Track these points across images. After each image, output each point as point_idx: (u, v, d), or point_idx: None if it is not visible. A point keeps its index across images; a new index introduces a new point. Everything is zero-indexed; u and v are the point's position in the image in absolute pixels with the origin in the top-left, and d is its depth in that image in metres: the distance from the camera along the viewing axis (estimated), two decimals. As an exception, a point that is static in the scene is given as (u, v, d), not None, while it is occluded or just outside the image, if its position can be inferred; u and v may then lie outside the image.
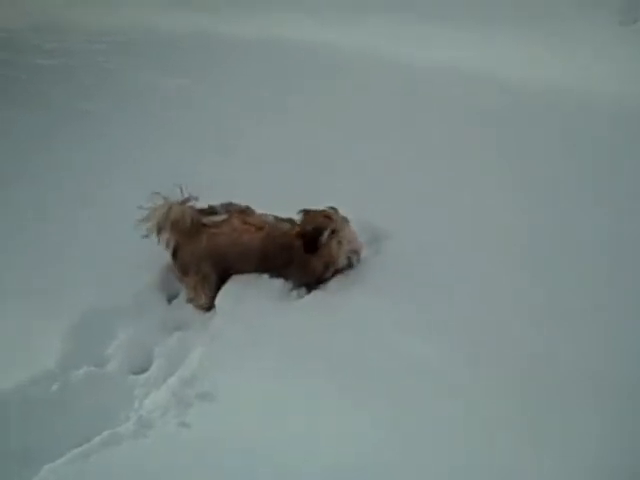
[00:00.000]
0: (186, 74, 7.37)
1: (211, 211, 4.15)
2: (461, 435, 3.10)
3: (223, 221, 4.07)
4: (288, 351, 3.65)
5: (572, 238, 4.33)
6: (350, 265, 4.11)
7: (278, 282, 4.11)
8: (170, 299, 4.25)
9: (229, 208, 4.17)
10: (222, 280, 4.15)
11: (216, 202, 4.23)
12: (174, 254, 4.11)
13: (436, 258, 4.25)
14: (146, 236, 4.02)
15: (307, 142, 5.74)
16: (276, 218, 4.14)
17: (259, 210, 4.21)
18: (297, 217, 4.05)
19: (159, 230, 4.02)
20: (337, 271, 4.11)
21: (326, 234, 3.95)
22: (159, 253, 4.14)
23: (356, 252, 4.07)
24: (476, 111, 6.08)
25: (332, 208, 4.06)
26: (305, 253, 3.99)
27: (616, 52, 6.87)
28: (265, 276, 4.13)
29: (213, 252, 4.05)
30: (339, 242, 4.00)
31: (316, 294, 4.08)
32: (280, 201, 4.23)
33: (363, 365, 3.52)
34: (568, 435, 3.03)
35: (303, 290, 4.12)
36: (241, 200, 4.26)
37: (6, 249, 4.59)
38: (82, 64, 7.80)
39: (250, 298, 4.01)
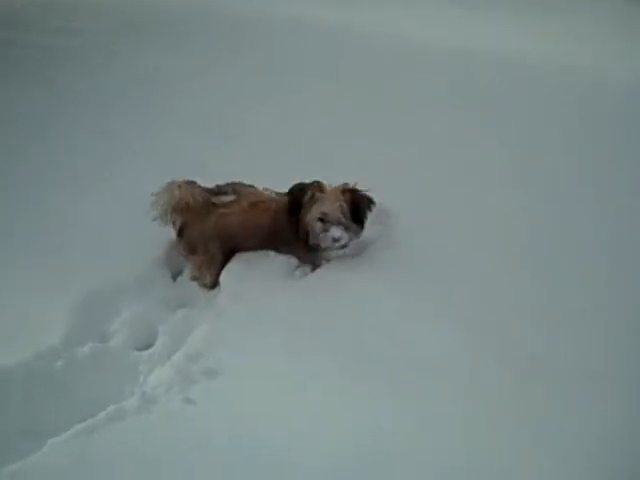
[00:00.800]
0: (191, 57, 7.32)
1: (219, 191, 4.16)
2: (460, 417, 3.15)
3: (232, 202, 4.08)
4: (291, 329, 3.68)
5: (572, 237, 4.37)
6: (325, 229, 3.96)
7: (282, 260, 4.15)
8: (175, 276, 4.26)
9: (235, 188, 4.17)
10: (227, 258, 4.16)
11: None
12: (180, 233, 4.12)
13: (437, 248, 4.30)
14: (154, 219, 4.03)
15: (308, 133, 5.73)
16: (278, 194, 4.16)
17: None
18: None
19: (168, 210, 4.02)
20: (318, 238, 4.03)
21: (308, 194, 3.95)
22: (164, 230, 4.14)
23: (326, 214, 3.95)
24: (478, 94, 6.10)
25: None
26: (289, 215, 4.01)
27: (622, 33, 6.84)
28: (270, 254, 4.16)
29: (222, 232, 4.07)
30: (311, 205, 3.97)
31: (320, 273, 4.13)
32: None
33: (364, 345, 3.56)
34: (568, 435, 3.07)
35: (307, 268, 4.15)
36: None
37: (10, 227, 4.57)
38: (88, 44, 7.71)
39: (254, 276, 4.03)
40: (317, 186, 3.96)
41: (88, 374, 3.45)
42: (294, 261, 4.16)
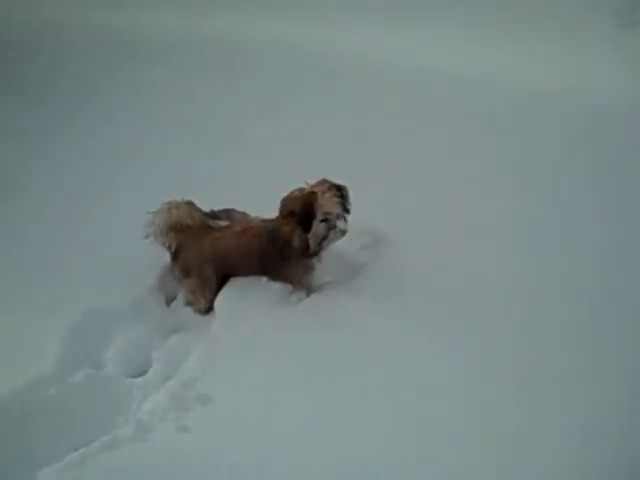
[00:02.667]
0: (187, 76, 7.34)
1: (213, 215, 4.17)
2: (460, 436, 3.12)
3: (226, 226, 4.09)
4: (287, 355, 3.64)
5: (572, 243, 4.33)
6: (332, 226, 3.95)
7: (276, 286, 4.09)
8: (169, 302, 4.23)
9: (229, 214, 4.20)
10: (221, 284, 4.14)
11: (216, 198, 4.25)
12: (175, 255, 4.11)
13: (436, 264, 4.23)
14: (147, 237, 4.02)
15: (303, 147, 5.66)
16: (264, 220, 4.13)
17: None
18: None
19: (164, 231, 4.01)
20: (323, 239, 4.00)
21: (317, 208, 3.90)
22: (158, 255, 4.13)
23: (330, 213, 3.92)
24: (474, 114, 6.07)
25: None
26: (303, 232, 3.94)
27: (615, 56, 6.83)
28: (263, 279, 4.12)
29: (216, 255, 4.05)
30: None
31: (315, 298, 4.07)
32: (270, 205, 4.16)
33: (363, 369, 3.51)
34: (567, 436, 3.08)
35: (302, 294, 4.10)
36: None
37: (4, 250, 4.59)
38: (90, 65, 7.76)
39: (249, 302, 3.99)
40: (311, 193, 3.91)
41: (81, 402, 3.43)
42: (288, 287, 4.11)
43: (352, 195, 4.01)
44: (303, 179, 3.97)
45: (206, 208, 4.19)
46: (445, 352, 3.60)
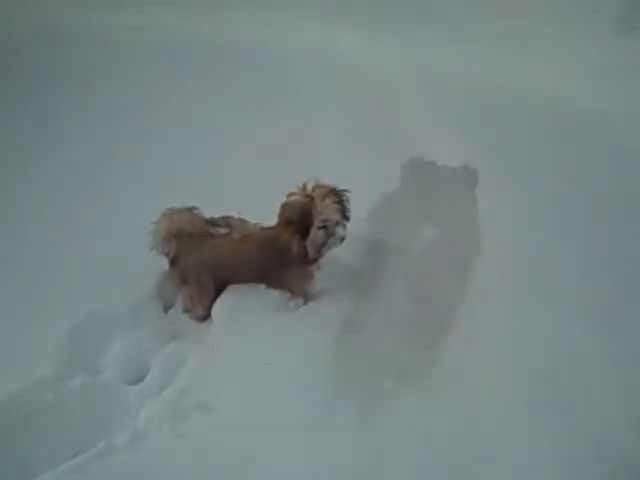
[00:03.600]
0: (190, 75, 7.32)
1: (213, 223, 4.16)
2: (460, 437, 3.16)
3: (225, 234, 4.08)
4: (285, 362, 3.65)
5: (572, 243, 4.33)
6: (330, 234, 3.94)
7: (275, 293, 4.09)
8: (167, 308, 4.22)
9: (229, 221, 4.19)
10: (219, 290, 4.14)
11: (216, 199, 4.24)
12: (173, 261, 4.10)
13: (435, 270, 4.23)
14: (154, 249, 4.03)
15: (288, 148, 5.60)
16: (263, 228, 4.12)
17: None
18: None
19: (165, 237, 4.01)
20: (322, 246, 3.99)
21: (315, 215, 3.88)
22: (157, 261, 4.12)
23: (328, 220, 3.90)
24: (475, 114, 6.04)
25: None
26: (301, 239, 3.92)
27: (615, 57, 6.79)
28: (261, 287, 4.12)
29: (214, 262, 4.04)
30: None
31: (313, 305, 4.07)
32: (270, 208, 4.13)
33: (361, 375, 3.53)
34: (567, 436, 3.12)
35: (300, 301, 4.10)
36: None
37: (4, 250, 4.58)
38: (90, 65, 7.73)
39: (247, 308, 3.99)
40: (309, 199, 3.88)
41: (79, 408, 3.44)
42: (286, 294, 4.11)
43: (351, 196, 3.99)
44: (303, 181, 3.96)
45: (206, 209, 4.18)
46: (445, 354, 3.60)
